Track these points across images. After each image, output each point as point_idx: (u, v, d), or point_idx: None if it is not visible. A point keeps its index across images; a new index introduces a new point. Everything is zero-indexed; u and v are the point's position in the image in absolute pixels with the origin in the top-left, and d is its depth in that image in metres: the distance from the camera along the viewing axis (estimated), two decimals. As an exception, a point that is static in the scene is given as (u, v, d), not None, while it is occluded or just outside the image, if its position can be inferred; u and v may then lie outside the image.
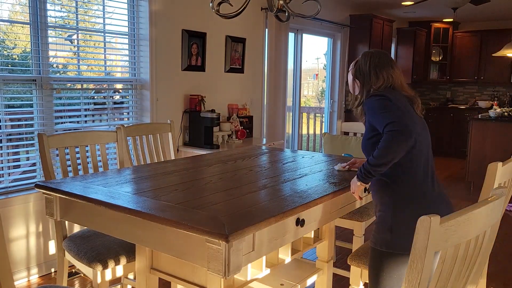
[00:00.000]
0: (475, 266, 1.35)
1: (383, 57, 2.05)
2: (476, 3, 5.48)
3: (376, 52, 2.09)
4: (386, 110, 1.84)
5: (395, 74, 2.01)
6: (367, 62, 2.04)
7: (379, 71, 2.00)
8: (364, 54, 2.10)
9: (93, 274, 2.15)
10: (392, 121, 1.79)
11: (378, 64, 2.01)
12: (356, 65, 2.09)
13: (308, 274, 2.43)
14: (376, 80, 1.99)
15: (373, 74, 2.01)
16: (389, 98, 1.88)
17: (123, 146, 2.86)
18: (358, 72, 2.07)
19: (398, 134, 1.76)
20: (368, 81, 2.01)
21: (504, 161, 1.94)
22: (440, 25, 8.65)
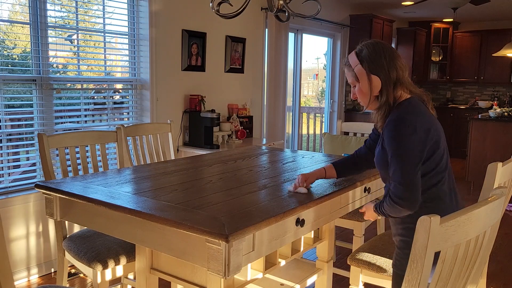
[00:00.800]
0: (475, 266, 1.35)
1: (390, 46, 1.80)
2: (476, 3, 5.48)
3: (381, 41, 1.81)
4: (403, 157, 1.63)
5: (405, 65, 1.78)
6: (381, 53, 1.73)
7: (396, 63, 1.73)
8: (371, 44, 1.77)
9: (93, 274, 2.15)
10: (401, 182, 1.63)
11: (392, 54, 1.75)
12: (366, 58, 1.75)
13: (308, 274, 2.43)
14: (396, 72, 1.72)
15: (392, 66, 1.72)
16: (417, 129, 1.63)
17: (123, 146, 2.86)
18: (375, 65, 1.73)
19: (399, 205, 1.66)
20: (389, 76, 1.72)
21: (504, 162, 1.94)
22: (440, 25, 8.65)
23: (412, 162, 1.64)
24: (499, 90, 8.64)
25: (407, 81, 1.78)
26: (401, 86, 1.76)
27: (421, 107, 1.75)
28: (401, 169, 1.65)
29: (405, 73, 1.77)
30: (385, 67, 1.73)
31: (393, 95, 1.74)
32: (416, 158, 1.65)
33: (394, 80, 1.73)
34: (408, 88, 1.78)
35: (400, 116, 1.68)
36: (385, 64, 1.73)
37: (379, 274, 2.18)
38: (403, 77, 1.76)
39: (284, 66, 5.52)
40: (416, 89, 1.81)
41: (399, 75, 1.74)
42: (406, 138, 1.64)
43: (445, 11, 7.03)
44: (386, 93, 1.74)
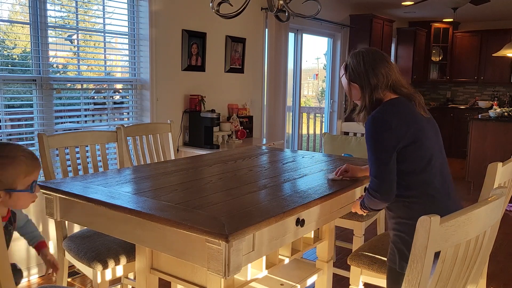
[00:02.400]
0: (475, 266, 1.35)
1: (376, 53, 1.89)
2: (476, 3, 5.48)
3: (367, 49, 1.92)
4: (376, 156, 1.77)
5: (392, 70, 1.87)
6: (361, 61, 1.87)
7: (376, 69, 1.84)
8: (354, 53, 1.92)
9: (93, 274, 2.15)
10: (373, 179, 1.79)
11: (373, 61, 1.86)
12: (348, 67, 1.92)
13: (308, 274, 2.43)
14: (375, 78, 1.83)
15: (371, 73, 1.84)
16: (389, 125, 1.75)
17: (123, 146, 2.86)
18: (353, 74, 1.89)
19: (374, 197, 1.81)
20: (367, 82, 1.85)
21: (504, 162, 1.94)
22: (440, 25, 8.65)
23: (384, 157, 1.76)
24: (499, 90, 8.64)
25: (395, 84, 1.87)
26: (385, 90, 1.87)
27: (402, 107, 1.83)
28: (374, 163, 1.79)
29: (391, 77, 1.86)
30: (363, 74, 1.87)
31: (373, 98, 1.86)
32: (387, 153, 1.76)
33: (374, 85, 1.85)
34: (396, 90, 1.88)
35: (375, 115, 1.81)
36: (363, 72, 1.87)
37: (379, 274, 2.18)
38: (388, 81, 1.85)
39: (284, 66, 5.52)
40: (406, 90, 1.89)
41: (381, 80, 1.85)
42: (378, 134, 1.78)
43: (445, 11, 7.03)
44: (364, 98, 1.89)
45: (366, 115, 1.89)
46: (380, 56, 1.89)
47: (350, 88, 1.93)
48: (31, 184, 1.61)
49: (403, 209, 1.83)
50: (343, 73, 1.96)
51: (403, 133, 1.76)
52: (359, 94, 1.91)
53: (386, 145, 1.76)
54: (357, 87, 1.90)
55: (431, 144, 1.82)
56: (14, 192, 1.56)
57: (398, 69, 1.93)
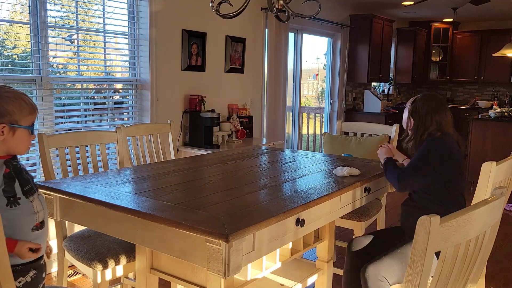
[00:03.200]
0: (475, 266, 1.35)
1: (440, 102, 2.30)
2: (476, 3, 5.48)
3: (434, 96, 2.33)
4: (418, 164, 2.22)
5: (446, 118, 2.28)
6: (425, 105, 2.29)
7: (434, 116, 2.26)
8: (424, 96, 2.33)
9: (93, 274, 2.15)
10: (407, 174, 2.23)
11: (435, 108, 2.27)
12: (414, 104, 2.33)
13: (308, 274, 2.43)
14: (430, 123, 2.26)
15: (428, 118, 2.27)
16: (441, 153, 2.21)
17: (123, 146, 2.86)
18: (415, 112, 2.31)
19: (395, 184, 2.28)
20: (423, 122, 2.28)
21: (499, 161, 1.94)
22: (440, 25, 8.65)
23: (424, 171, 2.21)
24: (499, 90, 8.64)
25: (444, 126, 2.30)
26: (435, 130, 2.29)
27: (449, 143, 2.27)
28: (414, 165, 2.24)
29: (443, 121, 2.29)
30: (422, 115, 2.30)
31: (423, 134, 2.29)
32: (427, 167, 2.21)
33: (426, 127, 2.28)
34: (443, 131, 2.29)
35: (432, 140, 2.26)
36: (423, 114, 2.30)
37: (379, 274, 2.18)
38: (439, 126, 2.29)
39: (284, 66, 5.52)
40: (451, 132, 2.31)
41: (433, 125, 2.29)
42: (432, 151, 2.22)
43: (445, 11, 7.03)
44: (415, 132, 2.33)
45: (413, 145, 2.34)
46: (442, 106, 2.31)
47: (408, 120, 2.37)
48: (31, 124, 1.64)
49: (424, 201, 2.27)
50: (409, 105, 2.37)
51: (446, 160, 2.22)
52: (410, 127, 2.36)
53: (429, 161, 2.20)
54: (413, 122, 2.34)
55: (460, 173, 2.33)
56: (17, 129, 1.57)
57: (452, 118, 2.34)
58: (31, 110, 1.63)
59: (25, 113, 1.61)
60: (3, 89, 1.59)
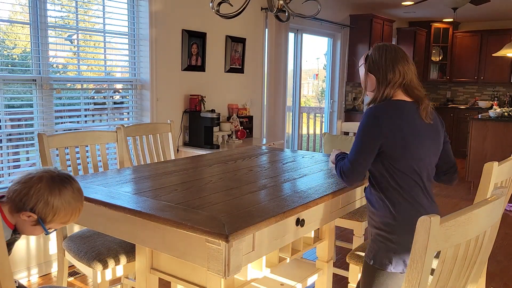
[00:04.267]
0: (475, 266, 1.35)
1: (398, 50, 1.93)
2: (476, 3, 5.48)
3: (391, 45, 1.95)
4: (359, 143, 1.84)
5: (409, 69, 1.90)
6: (383, 55, 1.90)
7: (395, 65, 1.88)
8: (378, 46, 1.95)
9: (93, 274, 2.15)
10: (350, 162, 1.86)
11: (394, 57, 1.89)
12: (369, 58, 1.95)
13: (308, 274, 2.43)
14: (393, 74, 1.87)
15: (390, 68, 1.88)
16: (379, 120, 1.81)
17: (123, 146, 2.86)
18: (373, 65, 1.92)
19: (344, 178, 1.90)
20: (385, 76, 1.88)
21: (501, 161, 1.94)
22: (440, 25, 8.65)
23: (363, 148, 1.83)
24: (499, 90, 8.64)
25: (411, 85, 1.91)
26: (398, 87, 1.90)
27: (402, 110, 1.87)
28: (354, 150, 1.87)
29: (407, 76, 1.89)
30: (382, 68, 1.90)
31: (385, 93, 1.90)
32: (368, 145, 1.82)
33: (389, 81, 1.88)
34: (408, 90, 1.91)
35: (372, 109, 1.87)
36: (383, 66, 1.89)
37: (379, 274, 2.18)
38: (403, 80, 1.89)
39: (284, 66, 5.52)
40: (418, 92, 1.92)
41: (397, 77, 1.88)
42: (368, 127, 1.83)
43: (445, 11, 7.03)
44: (378, 91, 1.92)
45: None
46: (402, 54, 1.93)
47: (366, 78, 1.97)
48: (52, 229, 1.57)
49: (386, 209, 1.85)
50: (362, 63, 1.99)
51: (391, 135, 1.80)
52: (373, 86, 1.95)
53: (370, 138, 1.82)
54: (374, 79, 1.93)
55: (423, 150, 1.86)
56: (38, 225, 1.51)
57: (416, 71, 1.96)
58: (65, 221, 1.55)
59: (58, 221, 1.52)
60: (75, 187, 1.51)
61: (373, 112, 1.85)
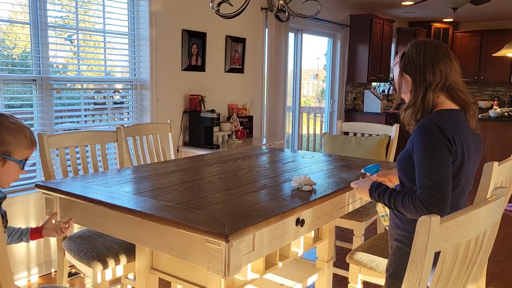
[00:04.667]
0: (475, 266, 1.35)
1: (440, 47, 1.68)
2: (476, 3, 5.48)
3: (431, 41, 1.70)
4: (435, 167, 1.53)
5: (453, 69, 1.66)
6: (421, 52, 1.66)
7: (436, 64, 1.63)
8: (415, 43, 1.71)
9: (93, 274, 2.15)
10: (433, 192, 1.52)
11: (435, 54, 1.65)
12: (405, 56, 1.71)
13: (308, 274, 2.43)
14: (432, 75, 1.63)
15: (429, 68, 1.63)
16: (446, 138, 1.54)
17: (123, 146, 2.86)
18: (409, 64, 1.68)
19: (428, 211, 1.52)
20: (423, 76, 1.64)
21: (501, 161, 1.94)
22: (440, 25, 8.65)
23: (446, 172, 1.56)
24: (499, 90, 8.64)
25: (454, 87, 1.67)
26: (440, 91, 1.67)
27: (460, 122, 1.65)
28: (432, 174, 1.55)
29: (450, 77, 1.65)
30: (420, 67, 1.66)
31: (426, 98, 1.66)
32: (449, 168, 1.56)
33: (429, 82, 1.65)
34: (452, 94, 1.68)
35: (436, 122, 1.58)
36: (421, 65, 1.66)
37: (377, 272, 2.18)
38: (446, 81, 1.65)
39: (284, 66, 5.52)
40: (463, 95, 1.68)
41: (438, 78, 1.64)
42: (437, 143, 1.56)
43: (445, 11, 7.03)
44: (415, 93, 1.68)
45: (413, 114, 1.70)
46: (444, 51, 1.68)
47: (400, 79, 1.73)
48: (24, 159, 1.61)
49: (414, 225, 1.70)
50: (397, 61, 1.75)
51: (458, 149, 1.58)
52: (408, 88, 1.71)
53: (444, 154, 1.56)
54: (409, 80, 1.70)
55: (470, 170, 1.68)
56: (8, 160, 1.55)
57: (461, 71, 1.71)
58: (28, 145, 1.60)
59: (22, 147, 1.58)
60: (7, 118, 1.57)
61: (434, 123, 1.57)
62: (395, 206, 1.65)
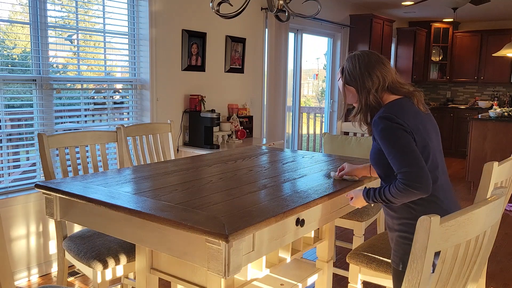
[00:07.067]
0: (475, 266, 1.35)
1: (371, 55, 1.89)
2: (476, 3, 5.48)
3: (363, 52, 1.92)
4: (401, 150, 1.70)
5: (388, 71, 1.87)
6: (356, 64, 1.88)
7: (372, 71, 1.85)
8: (350, 57, 1.93)
9: (93, 274, 2.15)
10: (407, 170, 1.67)
11: (368, 63, 1.86)
12: (344, 70, 1.92)
13: (308, 274, 2.43)
14: (371, 81, 1.84)
15: (366, 76, 1.84)
16: (401, 125, 1.72)
17: (123, 146, 2.86)
18: (349, 77, 1.89)
19: (414, 189, 1.67)
20: (363, 85, 1.85)
21: (501, 161, 1.94)
22: (440, 25, 8.65)
23: (411, 149, 1.71)
24: (499, 90, 8.64)
25: (393, 85, 1.87)
26: (382, 91, 1.86)
27: (407, 107, 1.83)
28: (404, 157, 1.70)
29: (387, 78, 1.86)
30: (358, 78, 1.87)
31: (370, 100, 1.86)
32: (411, 144, 1.72)
33: (369, 88, 1.85)
34: (394, 91, 1.87)
35: (385, 114, 1.78)
36: (359, 75, 1.87)
37: (377, 272, 2.19)
38: (385, 83, 1.85)
39: (284, 66, 5.52)
40: (404, 88, 1.88)
41: (376, 83, 1.85)
42: (395, 132, 1.73)
43: (445, 11, 7.03)
44: (360, 101, 1.89)
45: (362, 118, 1.91)
46: (376, 58, 1.89)
47: (345, 91, 1.94)
48: None
49: (406, 209, 1.80)
50: (340, 76, 1.97)
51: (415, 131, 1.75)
52: (355, 98, 1.92)
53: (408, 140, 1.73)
54: (353, 90, 1.90)
55: (434, 144, 1.82)
56: None
57: (395, 70, 1.93)
58: None
59: None
60: None
61: (382, 116, 1.77)
62: (387, 198, 1.78)
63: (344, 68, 1.93)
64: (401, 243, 1.82)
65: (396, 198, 1.74)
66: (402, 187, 1.69)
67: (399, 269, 1.82)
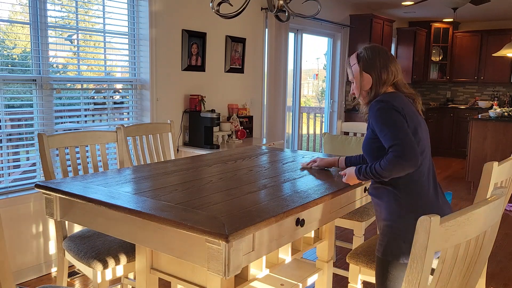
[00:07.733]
0: (475, 266, 1.35)
1: (387, 51, 2.04)
2: (476, 3, 5.48)
3: (380, 46, 2.05)
4: (393, 126, 1.82)
5: (399, 69, 2.01)
6: (377, 56, 1.98)
7: (388, 65, 1.97)
8: (369, 47, 2.03)
9: (93, 274, 2.15)
10: (398, 143, 1.78)
11: (386, 57, 1.99)
12: (362, 58, 2.01)
13: (308, 274, 2.43)
14: (386, 74, 1.96)
15: (384, 68, 1.96)
16: (396, 108, 1.85)
17: (123, 146, 2.86)
18: (368, 65, 1.99)
19: (404, 161, 1.77)
20: (379, 75, 1.96)
21: (501, 161, 1.94)
22: (440, 25, 8.65)
23: (403, 126, 1.82)
24: (499, 90, 8.64)
25: (399, 83, 2.01)
26: (391, 87, 2.00)
27: (405, 100, 1.96)
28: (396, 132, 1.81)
29: (397, 76, 2.00)
30: (377, 68, 1.98)
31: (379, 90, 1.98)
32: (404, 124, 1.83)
33: (384, 80, 1.97)
34: (398, 89, 2.01)
35: (381, 98, 1.91)
36: (378, 66, 1.98)
37: (379, 274, 2.18)
38: (394, 79, 1.99)
39: (284, 66, 5.52)
40: (408, 90, 2.02)
41: (389, 77, 1.98)
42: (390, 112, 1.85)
43: (445, 11, 7.03)
44: (375, 89, 1.99)
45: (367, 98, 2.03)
46: (391, 55, 2.04)
47: (361, 77, 2.01)
48: None
49: (391, 196, 1.90)
50: (355, 62, 2.04)
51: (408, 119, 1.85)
52: (369, 85, 2.00)
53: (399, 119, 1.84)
54: (369, 78, 1.99)
55: (424, 136, 1.92)
56: None
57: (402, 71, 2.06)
58: None
59: None
60: None
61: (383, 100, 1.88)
62: (377, 172, 1.86)
63: (361, 55, 2.02)
64: (386, 232, 1.91)
65: (385, 172, 1.83)
66: (393, 159, 1.79)
67: (381, 257, 1.89)
